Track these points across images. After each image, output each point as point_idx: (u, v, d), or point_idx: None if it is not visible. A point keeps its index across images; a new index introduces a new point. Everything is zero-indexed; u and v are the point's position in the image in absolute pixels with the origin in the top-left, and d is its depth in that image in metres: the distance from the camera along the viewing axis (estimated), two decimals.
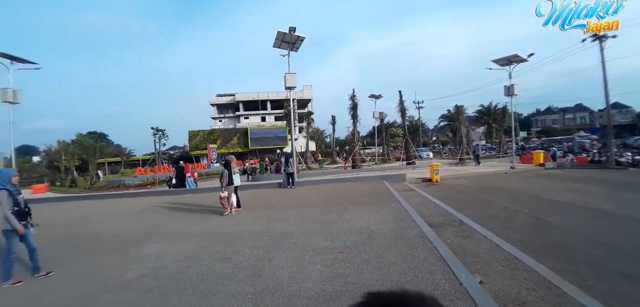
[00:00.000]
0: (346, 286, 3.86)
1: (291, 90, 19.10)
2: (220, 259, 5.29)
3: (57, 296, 4.33)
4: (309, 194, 12.29)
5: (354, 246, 5.37)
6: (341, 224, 7.07)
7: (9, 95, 19.09)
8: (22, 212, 4.98)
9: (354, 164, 28.38)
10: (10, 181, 4.96)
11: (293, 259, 4.98)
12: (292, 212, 8.88)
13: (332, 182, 15.32)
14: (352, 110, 31.72)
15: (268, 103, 67.97)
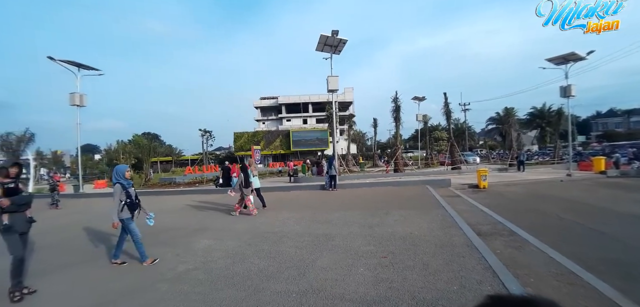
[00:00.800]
0: (390, 292, 3.85)
1: (333, 93, 19.24)
2: (266, 257, 5.49)
3: (121, 283, 4.73)
4: (351, 197, 12.30)
5: (398, 251, 5.32)
6: (384, 228, 7.02)
7: (77, 99, 21.18)
8: (133, 204, 5.43)
9: (397, 168, 27.88)
10: (123, 176, 5.46)
11: (336, 261, 5.04)
12: (335, 214, 8.96)
13: (374, 186, 15.21)
14: (394, 113, 31.16)
15: (309, 106, 68.77)
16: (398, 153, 28.51)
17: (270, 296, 3.93)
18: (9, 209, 4.40)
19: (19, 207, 4.53)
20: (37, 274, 5.29)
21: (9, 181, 4.58)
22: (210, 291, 4.25)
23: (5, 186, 4.50)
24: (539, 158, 38.06)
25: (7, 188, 4.50)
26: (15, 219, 4.45)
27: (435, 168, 31.72)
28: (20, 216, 4.55)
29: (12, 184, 4.58)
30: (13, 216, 4.43)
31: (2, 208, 4.37)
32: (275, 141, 55.28)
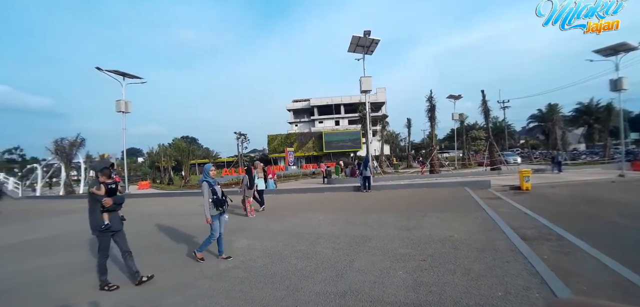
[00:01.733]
0: (430, 296, 3.77)
1: (366, 94, 19.13)
2: (303, 257, 5.56)
3: (162, 280, 4.97)
4: (386, 198, 12.16)
5: (437, 255, 5.20)
6: (421, 231, 6.89)
7: (122, 106, 22.57)
8: (219, 201, 5.58)
9: (432, 169, 27.20)
10: (209, 174, 5.68)
11: (374, 263, 5.01)
12: (370, 216, 8.90)
13: (409, 187, 14.93)
14: (429, 112, 30.38)
15: (342, 107, 68.70)
16: (434, 153, 27.81)
17: (309, 296, 3.98)
18: (110, 208, 4.61)
19: (117, 207, 4.77)
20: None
21: (111, 182, 4.80)
22: (250, 289, 4.37)
23: (108, 186, 4.71)
24: (587, 157, 35.53)
25: (109, 188, 4.71)
26: (112, 218, 4.68)
27: (473, 169, 30.61)
28: (116, 215, 4.78)
29: (113, 184, 4.81)
30: (110, 215, 4.66)
31: (104, 207, 4.58)
32: (308, 143, 55.74)
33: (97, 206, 4.59)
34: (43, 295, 4.75)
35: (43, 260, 6.85)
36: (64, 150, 28.13)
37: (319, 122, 69.72)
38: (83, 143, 29.24)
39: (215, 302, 4.04)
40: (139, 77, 23.73)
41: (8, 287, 5.25)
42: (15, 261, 6.90)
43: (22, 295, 4.85)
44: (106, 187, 4.68)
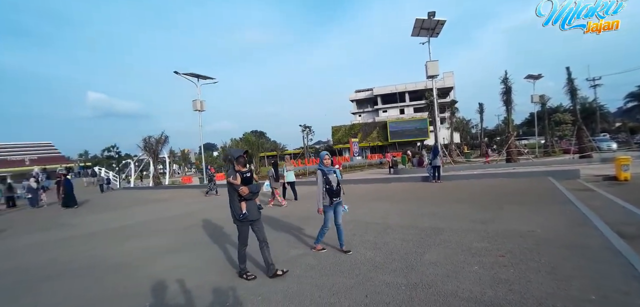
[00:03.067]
0: (511, 294, 3.54)
1: (433, 79, 18.31)
2: (371, 247, 5.59)
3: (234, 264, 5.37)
4: (457, 189, 11.58)
5: (518, 251, 4.83)
6: (499, 224, 6.45)
7: (198, 105, 24.58)
8: (332, 191, 5.29)
9: (509, 158, 25.10)
10: (323, 162, 5.51)
11: (446, 256, 4.85)
12: (441, 207, 8.57)
13: (483, 177, 14.00)
14: (504, 95, 27.89)
15: (406, 95, 66.61)
16: (511, 140, 25.59)
17: (379, 286, 4.00)
18: (246, 197, 4.55)
19: (253, 195, 4.67)
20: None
21: (246, 170, 4.70)
22: (320, 276, 4.52)
23: (243, 175, 4.63)
24: None
25: (244, 177, 4.63)
26: (249, 206, 4.61)
27: (557, 157, 27.64)
28: (253, 203, 4.71)
29: (248, 173, 4.71)
30: (248, 204, 4.60)
31: (241, 197, 4.54)
32: (372, 133, 55.10)
33: (235, 195, 4.57)
34: (144, 272, 5.46)
35: (140, 242, 7.87)
36: (151, 147, 31.64)
37: (382, 112, 68.54)
38: (167, 140, 32.62)
39: (286, 287, 4.26)
40: (211, 78, 25.65)
41: (113, 264, 6.14)
42: (117, 243, 8.02)
43: (126, 271, 5.65)
44: (241, 176, 4.60)
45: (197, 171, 56.02)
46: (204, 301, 4.07)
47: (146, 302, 4.22)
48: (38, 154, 60.74)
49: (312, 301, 3.79)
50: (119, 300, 4.43)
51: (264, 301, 3.88)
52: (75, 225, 11.46)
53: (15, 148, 60.11)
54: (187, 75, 24.56)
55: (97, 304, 4.38)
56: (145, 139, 31.70)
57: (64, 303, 4.56)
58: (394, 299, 3.63)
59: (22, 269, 6.53)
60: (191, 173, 55.28)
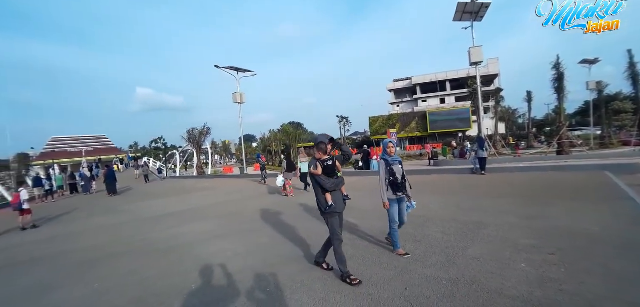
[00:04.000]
0: (561, 295, 3.34)
1: (477, 66, 17.51)
2: (411, 240, 5.51)
3: (281, 249, 5.52)
4: (502, 182, 11.04)
5: (569, 249, 4.54)
6: (547, 221, 6.08)
7: (238, 97, 25.28)
8: (397, 184, 4.78)
9: (560, 149, 23.47)
10: (387, 150, 4.95)
11: (490, 252, 4.67)
12: (484, 201, 8.23)
13: (531, 171, 13.22)
14: (555, 83, 25.94)
15: (447, 83, 64.19)
16: (563, 131, 23.88)
17: (419, 280, 3.95)
18: (330, 187, 4.13)
19: (337, 186, 4.24)
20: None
21: (328, 158, 4.21)
22: (358, 266, 4.54)
23: (324, 163, 4.19)
24: None
25: (326, 166, 4.19)
26: (335, 198, 4.19)
27: (615, 149, 25.44)
28: (339, 194, 4.29)
29: (330, 161, 4.21)
30: (333, 195, 4.18)
31: (324, 188, 4.14)
32: (411, 123, 53.75)
33: (319, 186, 4.21)
34: (191, 255, 5.79)
35: (187, 227, 8.35)
36: (195, 138, 33.22)
37: (422, 101, 66.59)
38: (209, 132, 34.10)
39: (326, 275, 4.33)
40: (250, 71, 26.32)
41: (165, 247, 6.56)
42: (168, 227, 8.55)
43: (177, 253, 6.03)
44: (323, 165, 4.17)
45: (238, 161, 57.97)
46: (245, 285, 4.24)
47: (193, 284, 4.47)
48: (94, 146, 66.25)
49: (351, 290, 3.83)
50: (171, 279, 4.76)
51: (304, 288, 3.98)
52: (129, 211, 12.36)
53: (74, 140, 66.09)
54: (227, 69, 25.36)
55: (154, 281, 4.76)
56: (190, 131, 33.30)
57: (126, 279, 5.00)
58: (434, 293, 3.57)
59: (87, 248, 7.26)
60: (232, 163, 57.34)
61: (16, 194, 11.36)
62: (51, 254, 7.13)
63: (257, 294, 3.96)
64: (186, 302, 3.93)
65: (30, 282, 5.44)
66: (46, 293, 4.80)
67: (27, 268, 6.29)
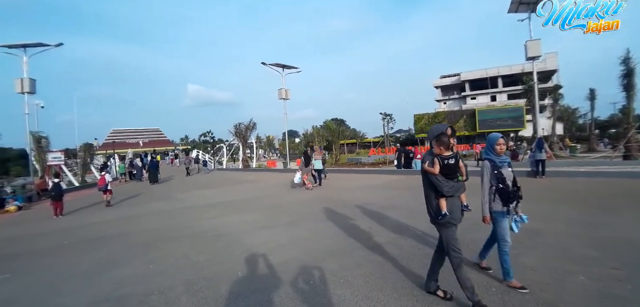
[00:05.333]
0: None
1: (534, 61, 16.42)
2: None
3: (324, 243, 5.58)
4: (562, 187, 10.26)
5: (636, 265, 4.13)
6: (612, 231, 5.57)
7: (283, 93, 25.81)
8: (506, 192, 3.71)
9: (628, 153, 21.30)
10: (493, 148, 3.85)
11: (544, 261, 4.38)
12: (540, 206, 7.70)
13: (593, 176, 12.14)
14: (624, 79, 23.37)
15: (499, 79, 60.78)
16: (631, 133, 21.61)
17: None
18: (446, 192, 3.29)
19: (457, 192, 3.38)
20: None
21: (450, 155, 3.35)
22: (403, 267, 4.47)
23: (445, 161, 3.31)
24: None
25: (446, 164, 3.31)
26: (451, 205, 3.36)
27: None
28: (456, 202, 3.43)
29: (452, 159, 3.34)
30: (449, 201, 3.35)
31: (440, 192, 3.31)
32: (458, 121, 51.58)
33: (431, 189, 3.40)
34: (239, 243, 6.07)
35: (235, 216, 8.77)
36: (241, 133, 34.50)
37: (471, 99, 63.66)
38: (255, 126, 35.25)
39: (368, 271, 4.32)
40: (295, 67, 26.78)
41: (215, 234, 6.94)
42: (217, 216, 9.05)
43: (225, 240, 6.37)
44: (442, 163, 3.29)
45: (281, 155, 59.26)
46: (289, 275, 4.36)
47: (239, 271, 4.69)
48: (149, 138, 71.59)
49: (394, 288, 3.80)
50: (219, 265, 5.04)
51: (346, 284, 4.01)
52: (181, 199, 13.19)
53: (131, 132, 72.10)
54: (273, 66, 25.99)
55: (204, 266, 5.06)
56: (236, 126, 34.63)
57: (179, 261, 5.39)
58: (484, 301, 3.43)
59: (145, 231, 7.96)
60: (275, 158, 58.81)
61: (102, 177, 13.19)
62: (115, 234, 7.85)
63: (301, 285, 4.05)
64: (234, 288, 4.13)
65: (99, 256, 6.09)
66: (112, 268, 5.33)
67: (97, 244, 7.03)
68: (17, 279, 5.24)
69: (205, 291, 4.11)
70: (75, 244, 7.29)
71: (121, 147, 58.07)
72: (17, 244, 7.82)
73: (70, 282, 4.87)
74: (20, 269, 5.72)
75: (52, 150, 22.30)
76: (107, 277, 4.94)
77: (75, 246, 7.07)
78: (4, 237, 8.76)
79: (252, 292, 3.97)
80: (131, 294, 4.20)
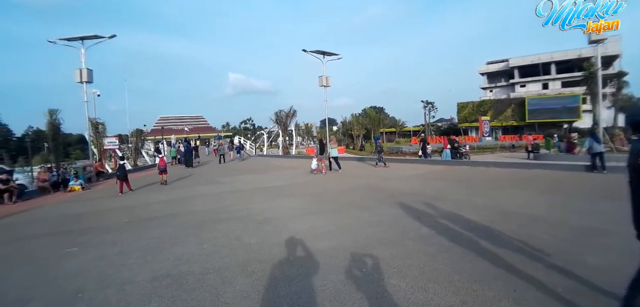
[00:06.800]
0: None
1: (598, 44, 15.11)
2: (514, 238, 5.06)
3: (367, 234, 5.54)
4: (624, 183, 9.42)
5: None
6: None
7: (323, 81, 25.75)
8: None
9: None
10: None
11: (613, 261, 4.01)
12: (601, 204, 7.16)
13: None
14: None
15: (552, 66, 56.60)
16: None
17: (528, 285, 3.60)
18: None
19: None
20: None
21: None
22: (457, 259, 4.32)
23: None
24: None
25: None
26: None
27: None
28: None
29: None
30: None
31: None
32: (505, 111, 48.98)
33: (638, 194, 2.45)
34: (286, 228, 6.20)
35: (280, 201, 9.00)
36: (281, 120, 35.01)
37: (520, 86, 59.90)
38: (295, 114, 35.61)
39: (421, 263, 4.23)
40: (335, 54, 26.56)
41: (262, 218, 7.13)
42: (263, 200, 9.33)
43: (273, 224, 6.51)
44: None
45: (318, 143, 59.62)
46: (340, 262, 4.38)
47: (290, 255, 4.79)
48: (193, 125, 75.16)
49: (449, 280, 3.70)
50: (270, 248, 5.16)
51: (400, 274, 3.95)
52: (226, 183, 13.71)
53: (177, 119, 76.08)
54: (314, 53, 25.97)
55: (256, 248, 5.24)
56: (277, 113, 35.21)
57: (232, 242, 5.61)
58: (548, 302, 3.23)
59: (196, 212, 8.37)
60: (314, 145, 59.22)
61: (162, 159, 15.45)
62: (168, 214, 8.29)
63: (354, 272, 4.06)
64: (287, 271, 4.23)
65: (156, 234, 6.46)
66: (170, 246, 5.63)
67: (152, 223, 7.46)
68: (85, 253, 5.65)
69: (259, 272, 4.24)
70: (134, 222, 7.79)
71: (168, 133, 61.22)
72: (83, 220, 8.49)
73: (132, 258, 5.21)
74: (86, 244, 6.20)
75: (108, 136, 24.00)
76: (166, 254, 5.23)
77: (134, 224, 7.55)
78: (71, 214, 9.56)
79: (305, 276, 4.04)
80: (189, 272, 4.42)
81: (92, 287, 4.16)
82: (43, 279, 4.60)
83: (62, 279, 4.53)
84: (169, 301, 3.65)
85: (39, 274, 4.78)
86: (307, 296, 3.54)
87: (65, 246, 6.09)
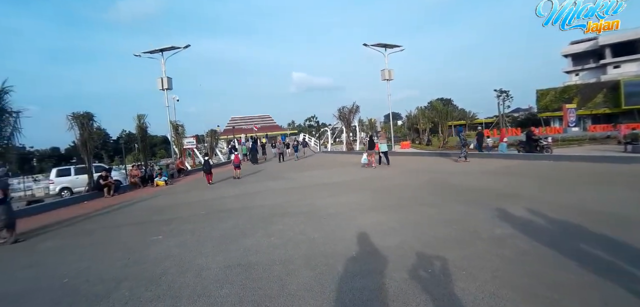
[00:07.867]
0: None
1: None
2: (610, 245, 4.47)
3: (434, 233, 5.32)
4: None
5: None
6: None
7: (386, 74, 25.25)
8: None
9: None
10: None
11: None
12: None
13: None
14: None
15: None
16: None
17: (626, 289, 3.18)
18: None
19: None
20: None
21: None
22: (535, 264, 3.95)
23: None
24: None
25: None
26: None
27: None
28: None
29: None
30: None
31: None
32: (595, 97, 43.14)
33: None
34: (351, 223, 6.26)
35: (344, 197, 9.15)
36: (344, 116, 35.11)
37: (613, 67, 51.99)
38: (358, 110, 35.47)
39: (493, 266, 3.95)
40: (398, 46, 25.87)
41: (327, 213, 7.30)
42: (327, 196, 9.58)
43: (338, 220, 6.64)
44: None
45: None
46: (404, 260, 4.29)
47: (353, 251, 4.82)
48: (261, 123, 79.75)
49: (525, 287, 3.40)
50: (335, 244, 5.26)
51: (470, 277, 3.73)
52: (293, 178, 14.30)
53: (246, 119, 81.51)
54: (375, 46, 25.60)
55: (320, 243, 5.37)
56: (340, 109, 35.43)
57: (297, 237, 5.82)
58: None
59: (264, 206, 8.90)
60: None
61: (236, 155, 17.60)
62: (239, 207, 8.95)
63: (419, 272, 3.95)
64: (350, 266, 4.27)
65: (228, 226, 7.03)
66: (241, 238, 6.08)
67: (226, 215, 8.12)
68: (168, 240, 6.41)
69: (322, 266, 4.34)
70: (210, 214, 8.53)
71: (239, 132, 65.25)
72: (166, 212, 9.52)
73: (207, 246, 5.73)
74: (170, 232, 6.97)
75: (186, 136, 26.46)
76: (236, 245, 5.64)
77: (209, 216, 8.28)
78: (157, 206, 10.76)
79: (368, 272, 4.03)
80: (257, 263, 4.70)
81: (173, 271, 4.69)
82: (133, 261, 5.32)
83: (149, 262, 5.18)
84: (238, 287, 3.94)
85: (131, 257, 5.54)
86: (369, 292, 3.54)
87: (152, 234, 6.99)
